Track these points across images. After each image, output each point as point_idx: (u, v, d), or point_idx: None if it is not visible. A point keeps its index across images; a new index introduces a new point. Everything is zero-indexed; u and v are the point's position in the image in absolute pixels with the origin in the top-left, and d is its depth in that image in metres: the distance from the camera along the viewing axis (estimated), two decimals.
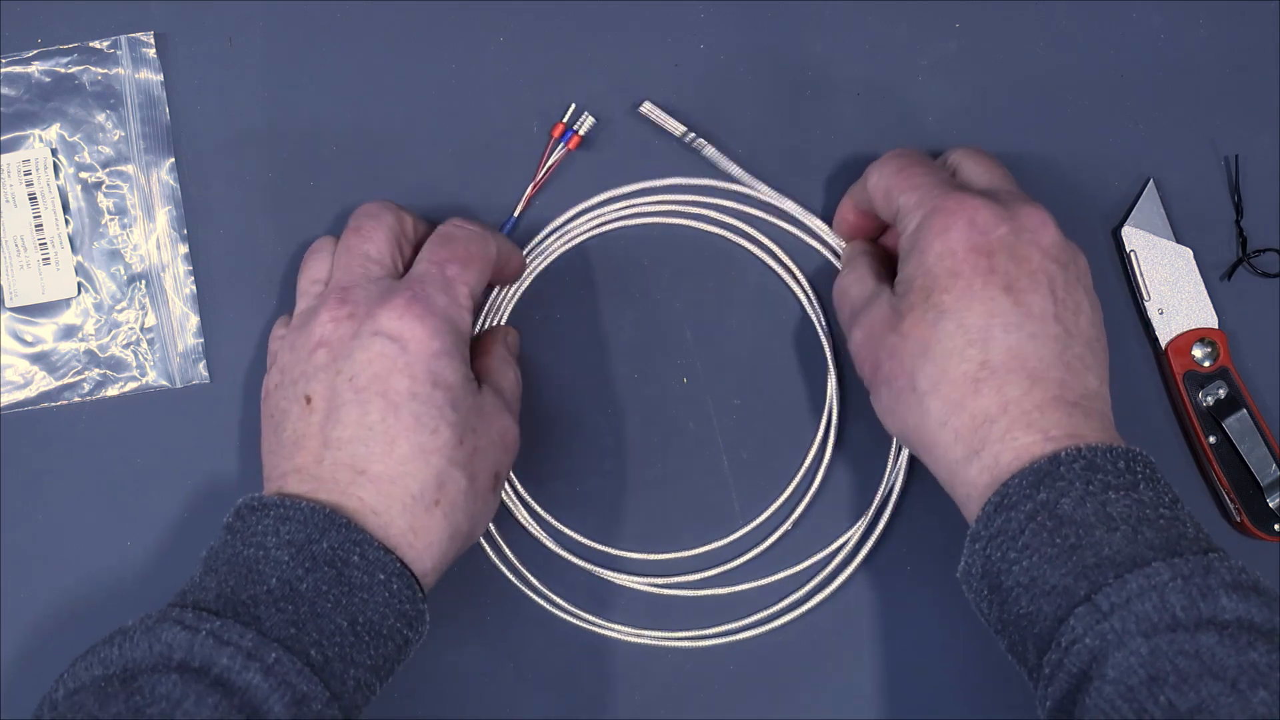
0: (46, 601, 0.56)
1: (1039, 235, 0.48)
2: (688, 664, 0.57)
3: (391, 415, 0.47)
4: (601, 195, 0.57)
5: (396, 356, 0.48)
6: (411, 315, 0.48)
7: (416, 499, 0.47)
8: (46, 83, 0.57)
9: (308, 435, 0.48)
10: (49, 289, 0.57)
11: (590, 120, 0.57)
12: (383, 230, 0.52)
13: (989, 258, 0.47)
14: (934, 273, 0.48)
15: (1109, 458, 0.45)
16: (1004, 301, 0.47)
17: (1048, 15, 0.59)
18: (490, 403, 0.50)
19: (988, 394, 0.46)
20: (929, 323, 0.47)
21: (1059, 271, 0.48)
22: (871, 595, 0.57)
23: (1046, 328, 0.47)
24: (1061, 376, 0.46)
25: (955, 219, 0.48)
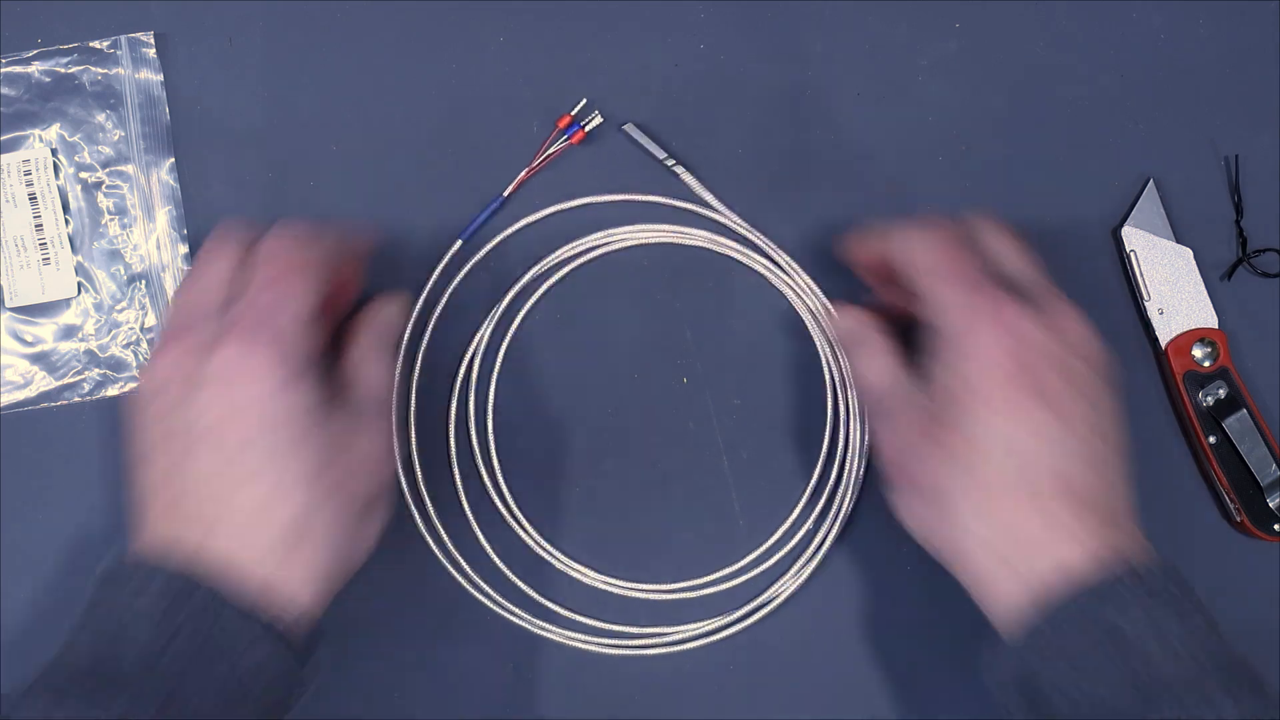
0: (46, 601, 0.56)
1: (1080, 346, 0.47)
2: (688, 664, 0.57)
3: (237, 459, 0.45)
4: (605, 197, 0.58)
5: (231, 400, 0.45)
6: (242, 354, 0.45)
7: (276, 543, 0.45)
8: (46, 83, 0.57)
9: (160, 486, 0.46)
10: (49, 289, 0.57)
11: (598, 119, 0.57)
12: (220, 259, 0.49)
13: (1030, 371, 0.46)
14: (974, 385, 0.46)
15: (1156, 575, 0.44)
16: (1045, 416, 0.46)
17: (1048, 15, 0.59)
18: (347, 424, 0.48)
19: (1029, 511, 0.45)
20: (968, 437, 0.46)
21: (1096, 379, 0.47)
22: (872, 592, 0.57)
23: (1086, 442, 0.46)
24: (1100, 491, 0.46)
25: (998, 330, 0.46)
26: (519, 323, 0.57)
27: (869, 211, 0.58)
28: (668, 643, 0.56)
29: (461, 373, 0.57)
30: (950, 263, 0.49)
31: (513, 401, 0.57)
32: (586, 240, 0.57)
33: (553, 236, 0.58)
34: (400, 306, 0.54)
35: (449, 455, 0.57)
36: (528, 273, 0.57)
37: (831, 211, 0.58)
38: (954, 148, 0.58)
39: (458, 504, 0.57)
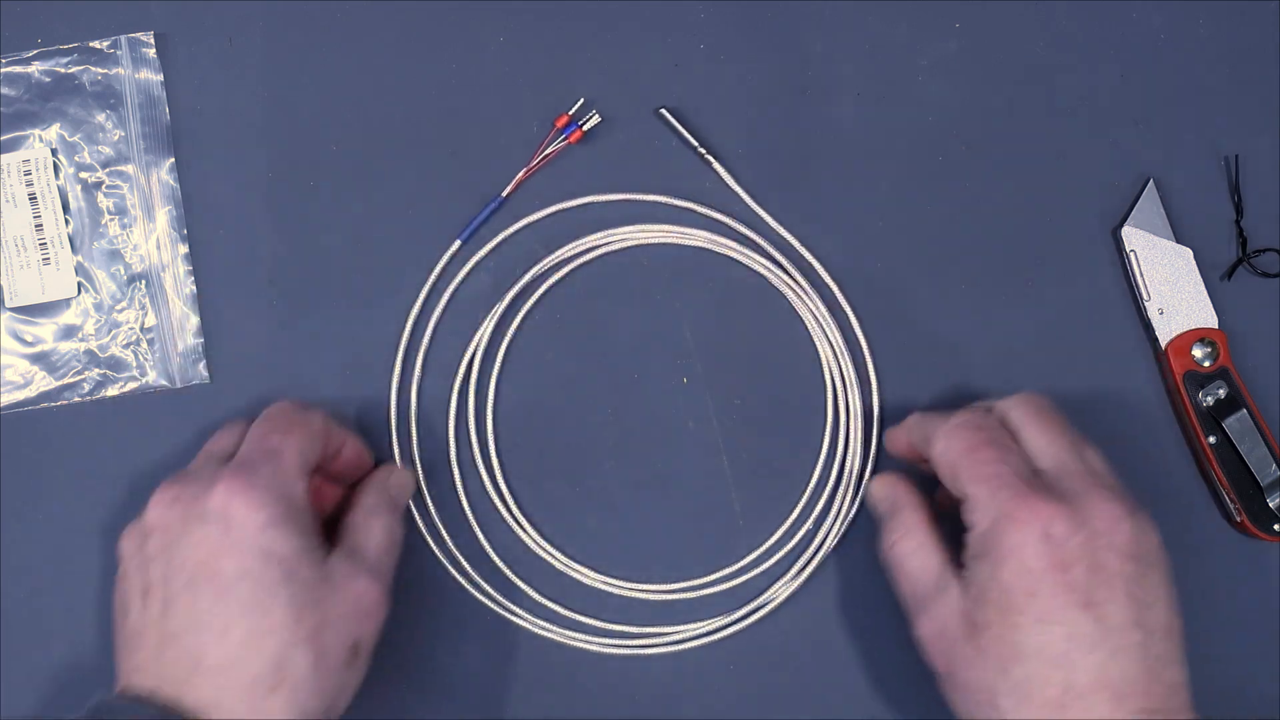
0: (47, 601, 0.56)
1: (1114, 536, 0.47)
2: (688, 664, 0.56)
3: (222, 600, 0.46)
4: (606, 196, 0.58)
5: (222, 536, 0.46)
6: (235, 491, 0.46)
7: (254, 685, 0.45)
8: (46, 83, 0.57)
9: (147, 628, 0.47)
10: (49, 289, 0.57)
11: (596, 118, 0.57)
12: (234, 430, 0.52)
13: (1065, 573, 0.46)
14: (1009, 591, 0.46)
15: None
16: (1083, 619, 0.45)
17: (1048, 15, 0.59)
18: (341, 569, 0.48)
19: (1072, 714, 0.45)
20: (1008, 644, 0.46)
21: (1135, 569, 0.47)
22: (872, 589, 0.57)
23: (1128, 638, 0.46)
24: (1146, 687, 0.45)
25: (1029, 532, 0.46)
26: (520, 323, 0.57)
27: (869, 211, 0.58)
28: (668, 642, 0.56)
29: (461, 372, 0.57)
30: (981, 464, 0.49)
31: (513, 401, 0.57)
32: (586, 240, 0.57)
33: (553, 236, 0.58)
34: (409, 475, 0.56)
35: (449, 455, 0.57)
36: (528, 273, 0.57)
37: (831, 211, 0.58)
38: (954, 148, 0.58)
39: (458, 504, 0.57)
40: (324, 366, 0.57)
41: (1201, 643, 0.54)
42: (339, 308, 0.57)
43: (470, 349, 0.57)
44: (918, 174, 0.58)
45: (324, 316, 0.57)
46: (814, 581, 0.57)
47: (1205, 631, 0.56)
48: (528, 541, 0.57)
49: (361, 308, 0.57)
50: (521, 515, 0.57)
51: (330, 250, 0.57)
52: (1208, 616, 0.56)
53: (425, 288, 0.57)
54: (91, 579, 0.56)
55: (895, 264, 0.58)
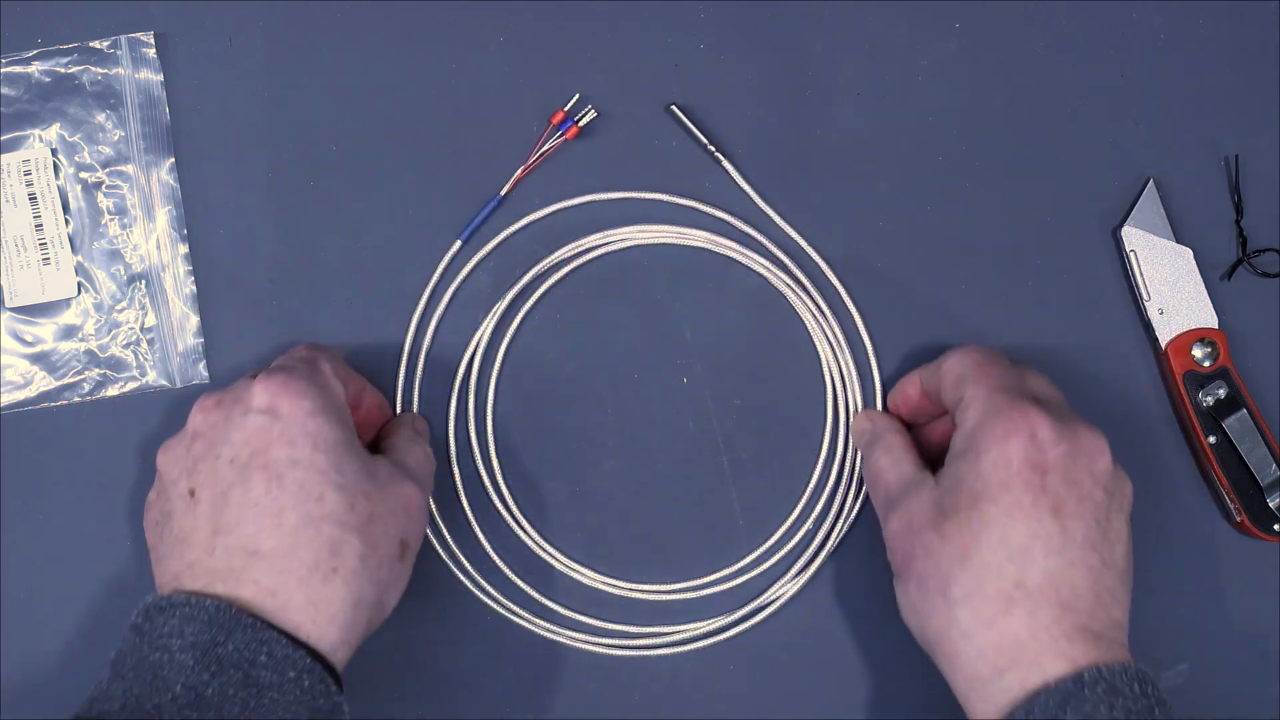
0: (46, 601, 0.56)
1: (1094, 460, 0.48)
2: (688, 664, 0.57)
3: (276, 486, 0.46)
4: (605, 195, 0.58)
5: (271, 425, 0.47)
6: (279, 386, 0.47)
7: (311, 570, 0.46)
8: (46, 83, 0.57)
9: (196, 528, 0.47)
10: (49, 289, 0.57)
11: (592, 113, 0.57)
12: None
13: (1042, 476, 0.47)
14: (986, 479, 0.47)
15: (1125, 680, 0.44)
16: (1050, 523, 0.46)
17: (1048, 15, 0.59)
18: (387, 470, 0.49)
19: (1019, 616, 0.46)
20: (972, 531, 0.47)
21: (1106, 500, 0.48)
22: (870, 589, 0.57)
23: (1085, 556, 0.46)
24: (1091, 607, 0.46)
25: (1017, 428, 0.47)
26: (520, 323, 0.58)
27: (869, 211, 0.58)
28: (668, 643, 0.56)
29: (460, 372, 0.57)
30: (984, 368, 0.50)
31: (513, 402, 0.57)
32: (587, 240, 0.57)
33: (553, 237, 0.58)
34: (426, 422, 0.57)
35: (449, 455, 0.57)
36: (528, 273, 0.57)
37: (831, 211, 0.58)
38: (954, 148, 0.58)
39: (458, 504, 0.57)
40: None
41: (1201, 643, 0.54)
42: (339, 308, 0.57)
43: (470, 349, 0.57)
44: (918, 174, 0.58)
45: (324, 316, 0.57)
46: (814, 582, 0.57)
47: (1205, 631, 0.57)
48: (527, 542, 0.57)
49: (361, 308, 0.57)
50: (521, 516, 0.57)
51: (330, 250, 0.57)
52: (1208, 616, 0.56)
53: (428, 289, 0.57)
54: (92, 579, 0.56)
55: (895, 264, 0.58)
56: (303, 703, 0.44)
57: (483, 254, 0.57)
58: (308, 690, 0.44)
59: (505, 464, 0.57)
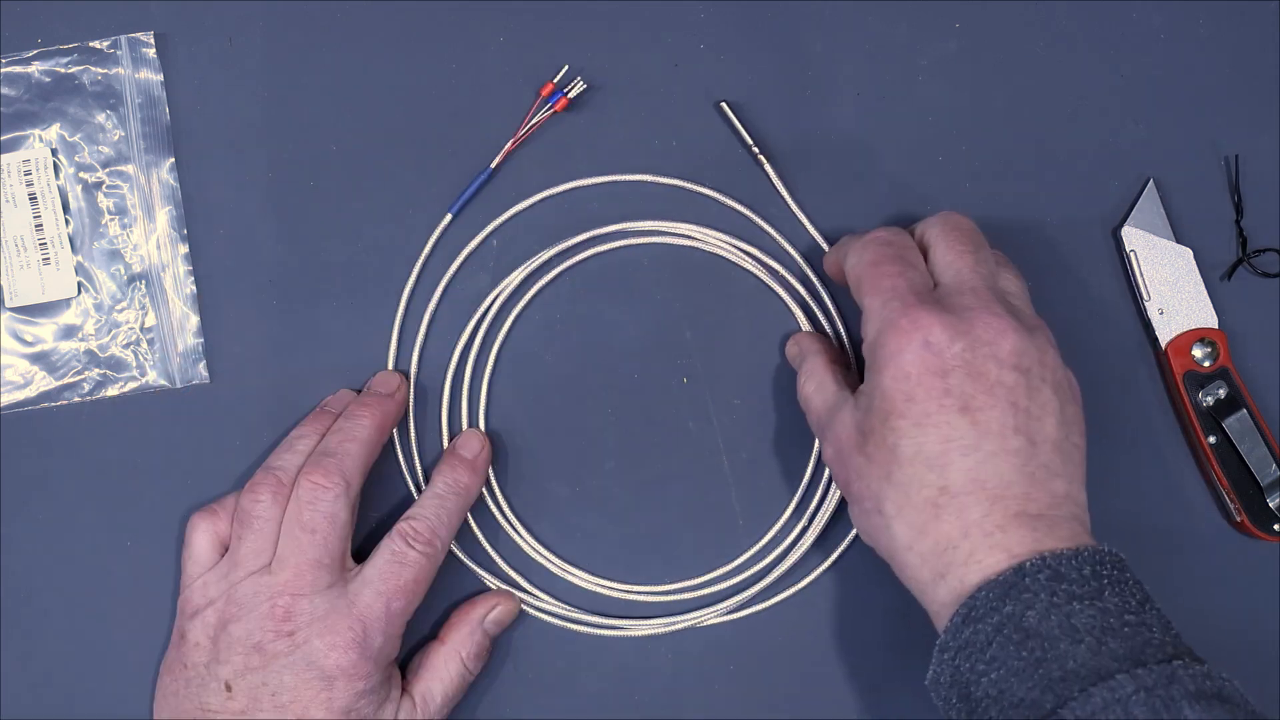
0: (47, 601, 0.56)
1: (997, 346, 0.47)
2: (688, 663, 0.57)
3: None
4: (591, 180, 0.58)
5: (321, 690, 0.49)
6: (349, 654, 0.49)
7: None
8: (46, 83, 0.57)
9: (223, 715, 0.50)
10: (49, 289, 0.57)
11: (581, 85, 0.57)
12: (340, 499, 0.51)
13: (943, 378, 0.47)
14: (890, 396, 0.47)
15: (1074, 565, 0.44)
16: (960, 423, 0.46)
17: (1048, 15, 0.59)
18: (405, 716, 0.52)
19: (949, 519, 0.46)
20: (888, 448, 0.47)
21: (1019, 379, 0.47)
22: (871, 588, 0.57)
23: (1006, 443, 0.46)
24: (1025, 491, 0.46)
25: (909, 339, 0.47)
26: (519, 323, 0.57)
27: (869, 211, 0.58)
28: (667, 633, 0.56)
29: (451, 372, 0.57)
30: (880, 277, 0.50)
31: (512, 402, 0.57)
32: (586, 239, 0.57)
33: (553, 236, 0.57)
34: (514, 606, 0.57)
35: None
36: (526, 272, 0.57)
37: (831, 211, 0.58)
38: (954, 148, 0.58)
39: None
40: (324, 366, 0.57)
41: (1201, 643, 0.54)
42: (339, 308, 0.57)
43: (466, 348, 0.57)
44: (918, 174, 0.58)
45: (324, 316, 0.57)
46: (813, 581, 0.57)
47: (1205, 631, 0.56)
48: (524, 546, 0.57)
49: (361, 307, 0.57)
50: (516, 518, 0.57)
51: (330, 250, 0.57)
52: (1208, 616, 0.56)
53: (414, 268, 0.57)
54: (91, 579, 0.56)
55: None
56: None
57: (477, 241, 0.57)
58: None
59: (506, 465, 0.57)
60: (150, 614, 0.55)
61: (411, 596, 0.51)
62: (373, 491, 0.56)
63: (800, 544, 0.57)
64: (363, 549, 0.53)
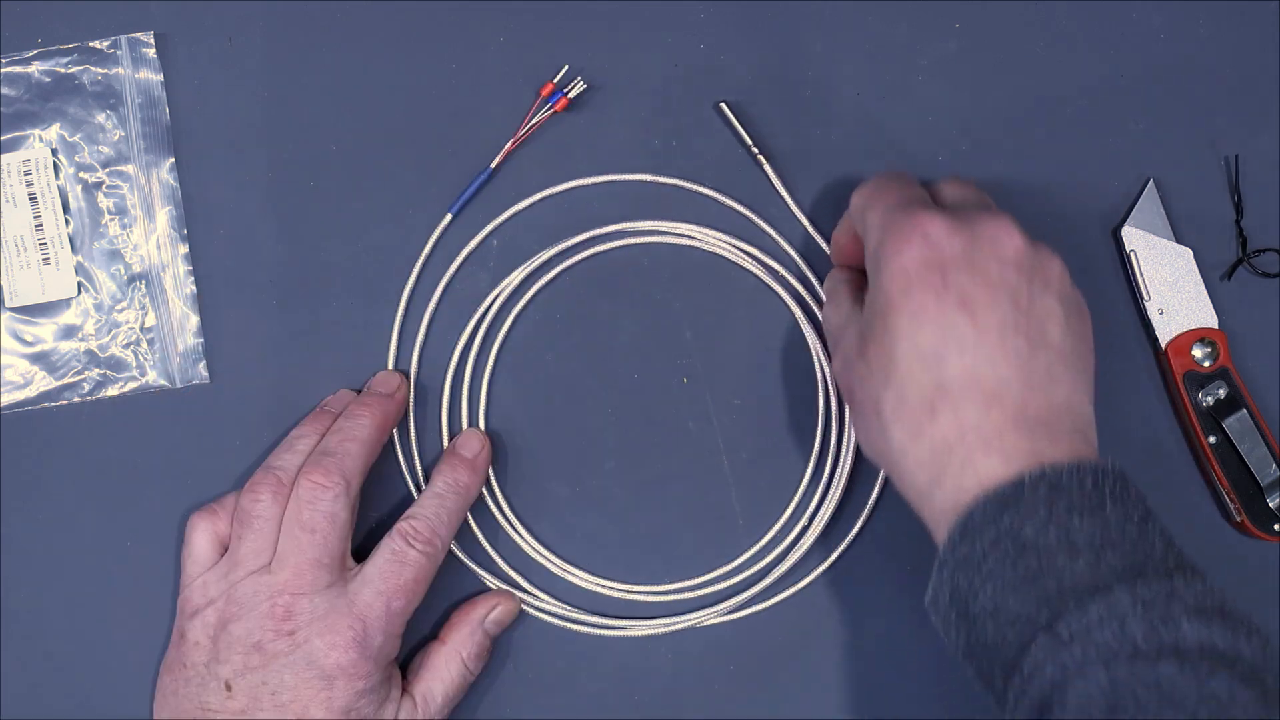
0: (46, 601, 0.56)
1: (1000, 245, 0.46)
2: (687, 662, 0.57)
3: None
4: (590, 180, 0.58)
5: (321, 690, 0.49)
6: (348, 653, 0.49)
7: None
8: (46, 83, 0.57)
9: (223, 715, 0.50)
10: (49, 289, 0.57)
11: (581, 85, 0.57)
12: (339, 498, 0.51)
13: (942, 274, 0.46)
14: (889, 293, 0.46)
15: (1074, 478, 0.43)
16: (958, 319, 0.45)
17: (1048, 15, 0.59)
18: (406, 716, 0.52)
19: (944, 420, 0.45)
20: (886, 349, 0.46)
21: (1022, 281, 0.46)
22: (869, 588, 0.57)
23: (1005, 343, 0.45)
24: (1023, 394, 0.45)
25: (908, 235, 0.46)
26: (519, 323, 0.57)
27: None
28: (667, 633, 0.56)
29: (452, 371, 0.57)
30: (879, 194, 0.50)
31: (512, 402, 0.57)
32: (586, 239, 0.57)
33: (553, 236, 0.58)
34: (514, 606, 0.57)
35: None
36: (526, 272, 0.57)
37: (831, 211, 0.58)
38: (954, 148, 0.58)
39: None
40: (324, 366, 0.57)
41: None
42: (339, 308, 0.57)
43: (466, 348, 0.57)
44: (918, 174, 0.58)
45: (324, 316, 0.57)
46: (813, 581, 0.57)
47: None
48: (523, 545, 0.57)
49: (361, 307, 0.57)
50: (516, 518, 0.57)
51: (330, 250, 0.57)
52: None
53: (410, 280, 0.57)
54: (91, 579, 0.56)
55: None
56: None
57: (476, 241, 0.57)
58: None
59: (506, 465, 0.57)
60: (150, 614, 0.55)
61: (411, 596, 0.51)
62: (373, 491, 0.56)
63: (800, 544, 0.57)
64: (363, 548, 0.53)
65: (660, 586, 0.57)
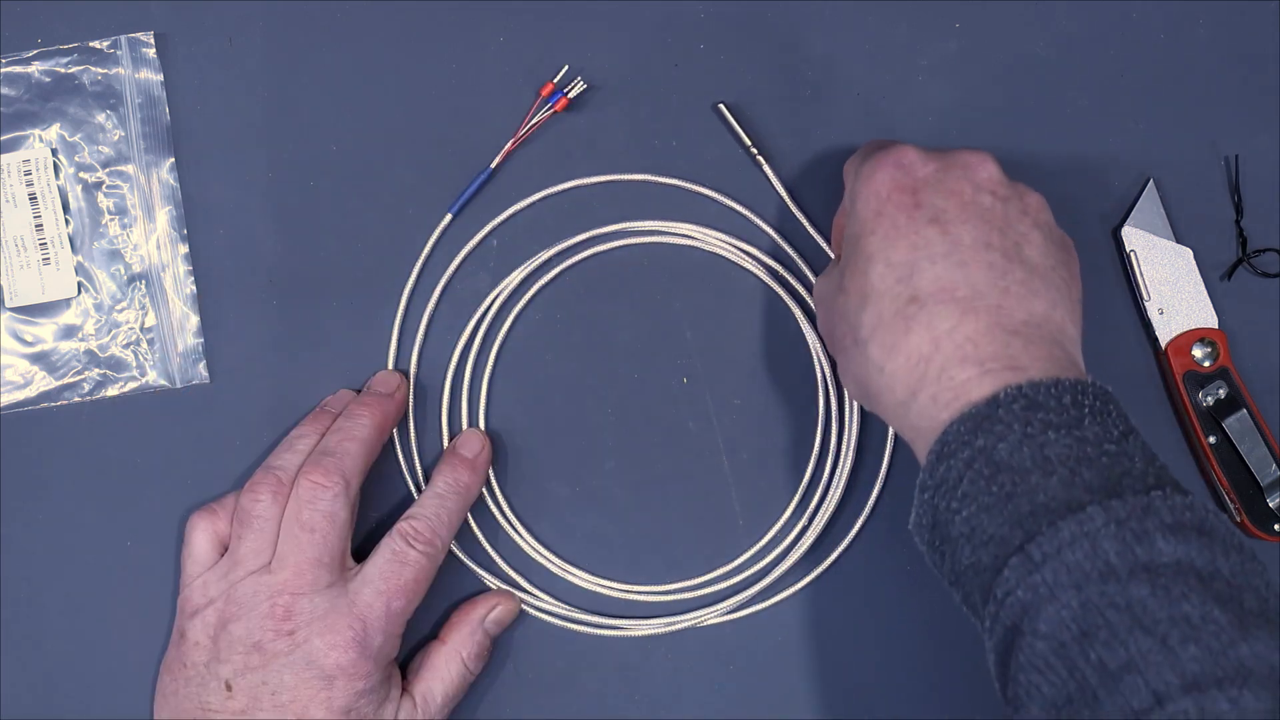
0: (46, 601, 0.56)
1: (974, 171, 0.47)
2: (687, 662, 0.57)
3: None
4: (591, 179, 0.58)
5: (321, 689, 0.49)
6: (348, 653, 0.49)
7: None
8: (46, 83, 0.57)
9: (223, 715, 0.50)
10: (49, 289, 0.57)
11: (581, 85, 0.57)
12: (339, 498, 0.51)
13: (914, 194, 0.46)
14: (862, 218, 0.47)
15: (1052, 393, 0.42)
16: (930, 232, 0.45)
17: (1048, 15, 0.59)
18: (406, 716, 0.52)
19: (919, 330, 0.44)
20: (861, 270, 0.46)
21: (997, 204, 0.46)
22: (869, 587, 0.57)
23: (978, 254, 0.45)
24: (998, 303, 0.44)
25: (882, 163, 0.47)
26: (519, 322, 0.57)
27: None
28: (667, 633, 0.56)
29: (452, 371, 0.57)
30: (872, 152, 0.50)
31: (512, 402, 0.57)
32: (586, 239, 0.57)
33: (553, 236, 0.58)
34: (514, 606, 0.56)
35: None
36: (526, 272, 0.57)
37: (831, 211, 0.58)
38: (954, 147, 0.58)
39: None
40: (324, 366, 0.57)
41: None
42: (339, 308, 0.57)
43: (466, 348, 0.57)
44: None
45: (324, 316, 0.57)
46: (814, 581, 0.57)
47: None
48: (523, 545, 0.57)
49: (361, 307, 0.57)
50: (516, 518, 0.57)
51: (330, 250, 0.57)
52: None
53: (410, 280, 0.57)
54: (91, 579, 0.56)
55: None
56: None
57: (476, 240, 0.57)
58: None
59: (505, 464, 0.57)
60: (150, 614, 0.55)
61: (412, 596, 0.51)
62: (373, 491, 0.56)
63: (800, 544, 0.57)
64: (363, 549, 0.53)
65: (660, 586, 0.57)
